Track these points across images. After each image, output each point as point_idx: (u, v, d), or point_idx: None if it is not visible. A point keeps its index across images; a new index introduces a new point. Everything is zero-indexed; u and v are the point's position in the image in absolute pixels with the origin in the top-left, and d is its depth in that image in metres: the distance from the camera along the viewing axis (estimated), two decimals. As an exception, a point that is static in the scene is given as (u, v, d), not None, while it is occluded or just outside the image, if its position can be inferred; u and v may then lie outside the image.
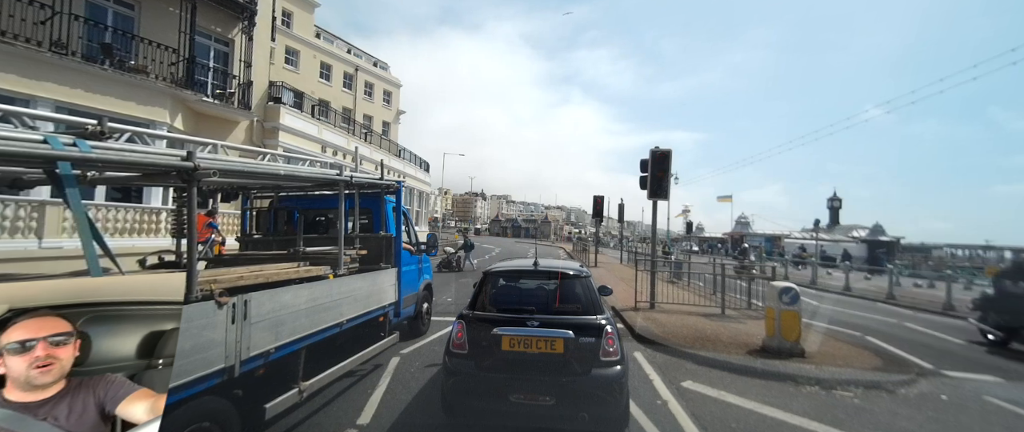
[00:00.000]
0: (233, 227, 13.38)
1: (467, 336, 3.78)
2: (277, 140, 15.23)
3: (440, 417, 3.88)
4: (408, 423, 3.98)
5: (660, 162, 9.22)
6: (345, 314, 4.30)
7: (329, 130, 18.38)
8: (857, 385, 4.95)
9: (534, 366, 3.57)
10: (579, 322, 3.74)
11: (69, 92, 10.04)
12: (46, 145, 2.26)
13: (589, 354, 3.59)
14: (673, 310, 9.22)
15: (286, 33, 27.92)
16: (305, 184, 4.94)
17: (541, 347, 3.61)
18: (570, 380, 3.52)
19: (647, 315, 8.59)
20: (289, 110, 15.85)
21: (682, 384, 4.90)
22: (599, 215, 22.84)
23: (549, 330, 3.64)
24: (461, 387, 3.71)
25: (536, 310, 3.93)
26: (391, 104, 36.28)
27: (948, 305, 12.15)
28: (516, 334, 3.63)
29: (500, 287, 4.43)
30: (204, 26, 13.60)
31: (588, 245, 31.51)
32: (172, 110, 11.96)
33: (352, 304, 4.46)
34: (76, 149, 2.35)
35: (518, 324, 3.72)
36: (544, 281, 4.41)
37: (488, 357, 3.66)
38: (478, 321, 3.86)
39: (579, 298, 4.10)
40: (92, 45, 10.93)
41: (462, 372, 3.69)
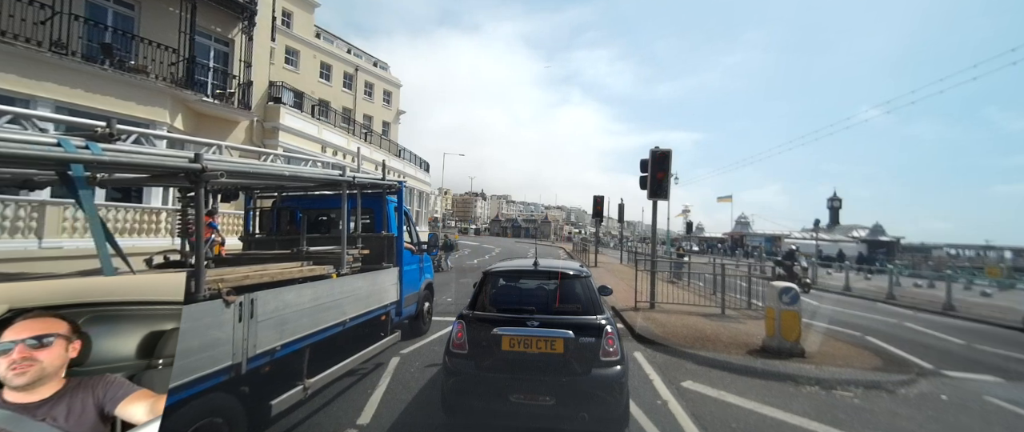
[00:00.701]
0: (234, 227, 13.39)
1: (467, 336, 3.76)
2: (277, 140, 15.24)
3: (440, 417, 3.87)
4: (408, 423, 3.97)
5: (660, 162, 9.22)
6: (348, 313, 4.34)
7: (329, 130, 18.38)
8: (857, 385, 4.96)
9: (534, 366, 3.55)
10: (579, 322, 3.72)
11: (69, 92, 10.04)
12: (59, 148, 2.31)
13: (589, 354, 3.57)
14: (673, 310, 9.23)
15: (286, 33, 27.93)
16: (308, 184, 4.98)
17: (541, 347, 3.59)
18: (570, 380, 3.49)
19: (647, 315, 8.59)
20: (289, 110, 15.86)
21: (682, 384, 4.90)
22: (599, 215, 22.84)
23: (549, 330, 3.62)
24: (461, 387, 3.68)
25: (536, 310, 3.91)
26: (391, 104, 36.30)
27: (948, 305, 12.16)
28: (516, 334, 3.62)
29: (500, 287, 4.42)
30: (204, 26, 13.61)
31: (588, 245, 31.51)
32: (172, 110, 11.97)
33: (355, 303, 4.50)
34: (88, 152, 2.40)
35: (518, 324, 3.70)
36: (544, 281, 4.40)
37: (488, 357, 3.63)
38: (478, 321, 3.84)
39: (579, 298, 4.08)
40: (92, 45, 10.93)
41: (462, 372, 3.67)
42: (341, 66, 31.71)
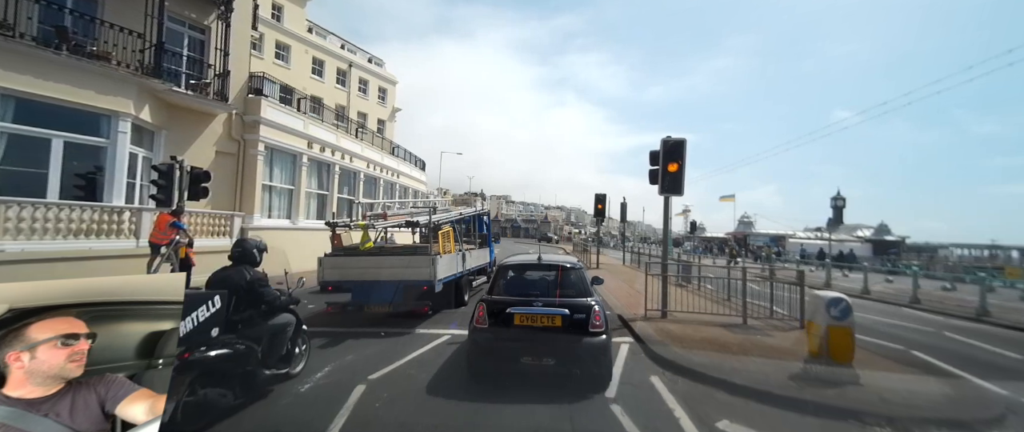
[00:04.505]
0: (207, 227, 12.39)
1: (487, 314, 4.78)
2: (258, 134, 14.20)
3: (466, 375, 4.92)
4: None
5: (672, 152, 8.19)
6: (471, 265, 10.27)
7: (316, 125, 17.35)
8: (938, 425, 3.95)
9: (539, 336, 4.58)
10: (573, 303, 4.75)
11: (16, 79, 9.02)
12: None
13: (581, 327, 4.59)
14: (688, 319, 8.23)
15: (276, 27, 26.90)
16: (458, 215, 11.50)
17: (544, 322, 4.63)
18: (566, 346, 4.54)
19: (660, 326, 7.59)
20: (271, 103, 14.83)
21: (718, 425, 3.89)
22: (602, 214, 21.80)
23: (551, 309, 4.67)
24: (482, 353, 4.77)
25: (540, 294, 4.95)
26: (386, 101, 35.25)
27: (982, 310, 11.14)
28: (525, 312, 4.68)
29: (511, 278, 5.47)
30: (177, 12, 12.61)
31: (588, 245, 30.44)
32: (137, 100, 10.95)
33: (475, 260, 10.78)
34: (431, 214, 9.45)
35: (526, 304, 4.75)
36: (546, 272, 5.39)
37: (503, 330, 4.65)
38: (495, 303, 4.90)
39: (574, 284, 5.14)
40: (46, 28, 9.93)
41: (483, 342, 4.73)
42: (334, 62, 30.69)
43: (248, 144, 14.27)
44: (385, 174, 23.00)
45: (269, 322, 4.35)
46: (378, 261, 8.33)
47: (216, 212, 13.02)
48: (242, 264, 4.38)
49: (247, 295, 4.16)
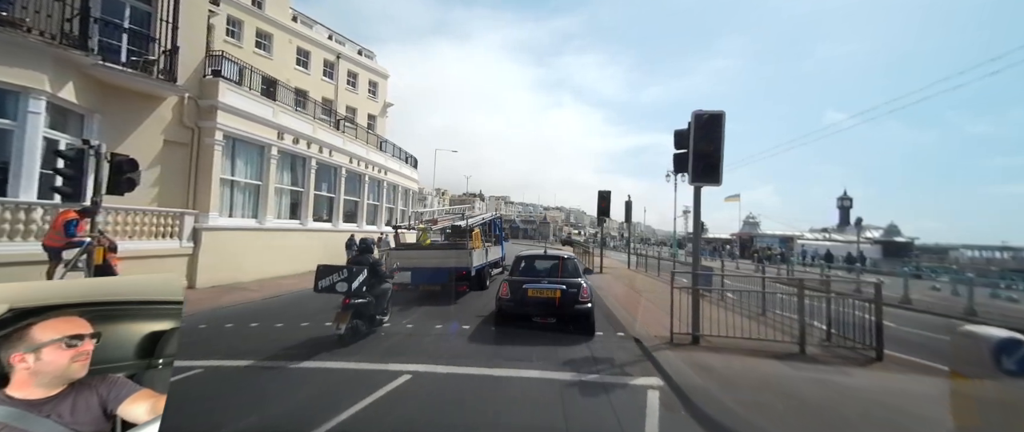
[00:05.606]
0: (149, 228, 10.56)
1: (509, 289, 7.64)
2: (215, 121, 12.35)
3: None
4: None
5: (707, 131, 6.36)
6: (490, 258, 14.19)
7: (288, 114, 15.54)
8: None
9: (545, 304, 7.38)
10: (568, 282, 7.65)
11: None
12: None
13: (573, 298, 7.36)
14: (726, 346, 6.43)
15: (257, 14, 25.09)
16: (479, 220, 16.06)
17: (549, 294, 7.41)
18: (563, 311, 7.33)
19: (694, 358, 5.77)
20: (232, 86, 12.98)
21: None
22: (606, 213, 19.98)
23: (553, 285, 7.54)
24: (505, 315, 7.66)
25: (546, 276, 8.03)
26: (377, 96, 33.42)
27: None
28: (535, 287, 7.52)
29: (524, 265, 8.47)
30: (115, -23, 10.81)
31: (589, 248, 28.57)
32: (55, 76, 9.12)
33: (492, 255, 14.56)
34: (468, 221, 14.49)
35: (536, 282, 7.65)
36: (550, 261, 8.68)
37: (521, 298, 7.46)
38: (514, 282, 7.76)
39: (569, 270, 8.27)
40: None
41: (507, 308, 7.61)
42: (321, 53, 28.87)
43: (204, 132, 12.43)
44: (371, 170, 21.18)
45: (381, 286, 7.48)
46: (433, 253, 11.83)
47: (162, 210, 11.21)
48: (365, 253, 7.61)
49: (371, 270, 7.08)
